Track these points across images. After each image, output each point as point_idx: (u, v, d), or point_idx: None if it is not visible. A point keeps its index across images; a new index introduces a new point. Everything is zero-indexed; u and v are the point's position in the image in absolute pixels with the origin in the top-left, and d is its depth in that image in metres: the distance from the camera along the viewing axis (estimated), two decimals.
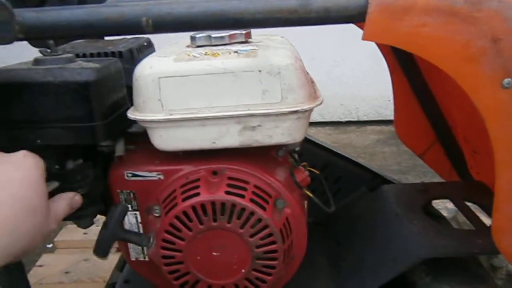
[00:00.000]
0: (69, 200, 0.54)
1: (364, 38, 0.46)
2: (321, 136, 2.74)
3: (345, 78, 2.91)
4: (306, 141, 0.96)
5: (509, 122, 0.48)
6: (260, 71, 0.57)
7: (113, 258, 1.14)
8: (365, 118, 2.93)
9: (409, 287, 0.76)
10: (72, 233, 1.40)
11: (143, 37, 0.85)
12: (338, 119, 2.94)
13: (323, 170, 0.97)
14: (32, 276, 1.24)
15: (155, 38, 0.88)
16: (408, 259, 0.70)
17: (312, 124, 2.95)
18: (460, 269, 0.73)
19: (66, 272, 1.23)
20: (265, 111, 0.58)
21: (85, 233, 1.34)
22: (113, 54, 0.76)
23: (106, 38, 0.91)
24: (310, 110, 0.59)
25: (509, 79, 0.46)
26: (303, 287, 0.80)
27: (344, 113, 2.94)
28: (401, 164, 2.25)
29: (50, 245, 1.50)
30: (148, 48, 0.84)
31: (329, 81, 2.90)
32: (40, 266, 1.27)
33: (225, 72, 0.57)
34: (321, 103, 0.61)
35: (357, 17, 0.45)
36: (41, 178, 0.47)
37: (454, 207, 0.86)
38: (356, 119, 2.94)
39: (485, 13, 0.44)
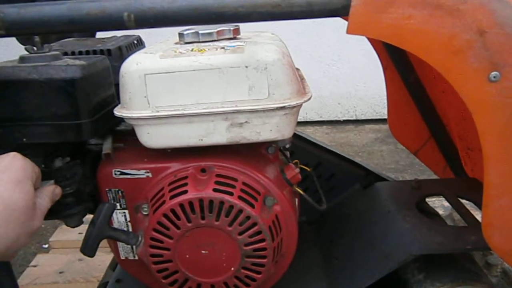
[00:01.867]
0: (50, 194, 0.55)
1: (348, 31, 0.45)
2: (319, 135, 2.74)
3: (342, 77, 2.91)
4: (299, 138, 0.96)
5: (497, 116, 0.47)
6: (246, 66, 0.56)
7: (107, 257, 1.14)
8: (363, 117, 2.92)
9: (402, 285, 0.76)
10: (66, 233, 1.40)
11: (133, 35, 0.84)
12: (336, 118, 2.93)
13: (316, 167, 0.96)
14: (26, 276, 1.24)
15: (147, 36, 0.88)
16: (400, 256, 0.70)
17: (310, 123, 2.95)
18: (453, 266, 0.73)
19: (60, 272, 1.22)
20: (252, 107, 0.57)
21: (79, 233, 1.34)
22: (101, 52, 0.75)
23: (97, 36, 0.91)
24: (298, 106, 0.59)
25: (496, 72, 0.46)
26: (295, 285, 0.79)
27: (342, 112, 2.94)
28: (399, 162, 2.24)
29: (46, 246, 1.50)
30: (138, 46, 0.83)
31: (326, 80, 2.89)
32: (34, 266, 1.27)
33: (212, 68, 0.57)
34: (309, 99, 0.60)
35: (341, 11, 0.44)
36: (28, 179, 0.49)
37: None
38: (354, 118, 2.94)
39: (470, 5, 0.43)
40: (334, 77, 2.91)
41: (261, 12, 0.44)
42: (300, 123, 2.97)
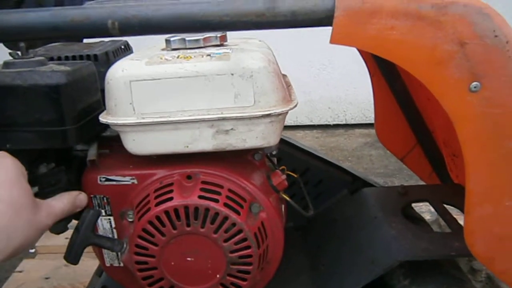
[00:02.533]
0: (71, 198, 0.56)
1: (332, 41, 0.46)
2: (309, 139, 2.75)
3: (333, 82, 2.93)
4: (287, 144, 0.96)
5: (477, 125, 0.48)
6: (232, 74, 0.57)
7: (94, 263, 1.13)
8: (352, 121, 2.94)
9: None
10: (53, 238, 1.38)
11: (121, 40, 0.84)
12: (326, 122, 2.95)
13: (304, 173, 0.97)
14: (12, 282, 1.22)
15: (136, 41, 0.87)
16: (386, 262, 0.70)
17: (300, 127, 2.96)
18: (437, 272, 0.73)
19: (46, 278, 1.21)
20: (237, 114, 0.57)
21: (66, 238, 1.32)
22: (88, 57, 0.75)
23: (85, 41, 0.91)
24: (284, 113, 0.59)
25: (476, 82, 0.46)
26: None
27: (332, 116, 2.95)
28: (388, 167, 2.26)
29: (33, 251, 1.48)
30: (126, 52, 0.83)
31: (317, 85, 2.91)
32: (20, 271, 1.25)
33: (197, 75, 0.57)
34: (295, 106, 0.60)
35: (324, 21, 0.45)
36: (22, 176, 0.49)
37: None
38: (344, 122, 2.96)
39: (451, 17, 0.44)
40: (325, 82, 2.93)
41: (245, 21, 0.44)
42: (290, 127, 2.98)
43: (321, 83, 2.91)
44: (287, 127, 3.04)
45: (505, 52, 0.45)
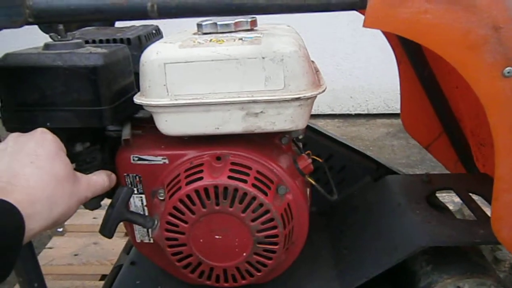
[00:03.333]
0: (108, 175, 0.59)
1: (365, 25, 0.46)
2: (330, 129, 2.74)
3: (355, 71, 2.90)
4: (312, 130, 0.97)
5: (509, 111, 0.48)
6: (263, 58, 0.58)
7: (121, 242, 1.17)
8: (374, 111, 2.91)
9: (410, 276, 0.77)
10: (81, 217, 1.43)
11: (152, 25, 0.86)
12: (348, 112, 2.93)
13: (328, 159, 0.97)
14: (42, 257, 1.28)
15: (165, 26, 0.89)
16: (408, 248, 0.71)
17: (322, 116, 2.95)
18: (461, 259, 0.74)
19: (75, 255, 1.26)
20: (268, 97, 0.59)
21: (94, 218, 1.38)
22: (121, 40, 0.77)
23: (116, 25, 0.93)
24: (313, 97, 0.60)
25: (510, 68, 0.46)
26: (305, 274, 0.81)
27: (354, 106, 2.93)
28: (410, 157, 2.24)
29: (61, 229, 1.54)
30: (157, 36, 0.85)
31: (339, 74, 2.88)
32: (50, 248, 1.31)
33: (229, 58, 0.58)
34: (323, 91, 0.61)
35: (358, 4, 0.45)
36: (62, 150, 0.52)
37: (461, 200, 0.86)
38: (365, 112, 2.93)
39: (486, 1, 0.44)
40: (347, 71, 2.90)
41: (280, 4, 0.45)
42: (311, 116, 2.95)
43: (343, 72, 2.88)
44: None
45: None
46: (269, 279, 0.72)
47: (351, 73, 2.90)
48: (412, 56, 0.90)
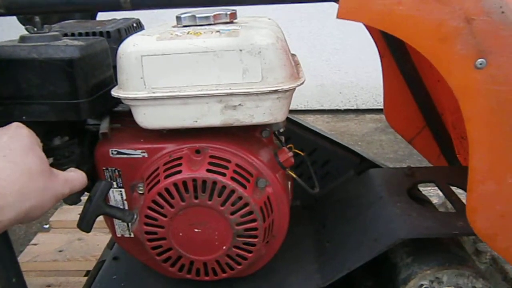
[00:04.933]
0: (83, 174, 0.55)
1: (338, 16, 0.46)
2: (319, 124, 2.74)
3: (344, 66, 2.90)
4: (296, 124, 0.97)
5: (482, 103, 0.48)
6: (241, 50, 0.58)
7: (106, 238, 1.17)
8: (363, 107, 2.92)
9: (391, 268, 0.78)
10: (66, 213, 1.42)
11: (133, 18, 0.85)
12: (337, 107, 2.94)
13: (311, 153, 0.98)
14: (27, 254, 1.26)
15: (146, 18, 0.88)
16: (388, 240, 0.71)
17: (311, 111, 2.95)
18: (440, 251, 0.74)
19: (60, 251, 1.25)
20: (245, 90, 0.58)
21: (79, 214, 1.36)
22: (101, 33, 0.76)
23: (98, 18, 0.92)
24: (291, 90, 0.60)
25: (482, 59, 0.47)
26: (287, 267, 0.81)
27: (343, 101, 2.94)
28: (397, 152, 2.25)
29: (47, 226, 1.53)
30: (137, 29, 0.84)
31: (328, 69, 2.89)
32: (35, 244, 1.30)
33: (206, 51, 0.58)
34: (302, 83, 0.61)
35: None
36: (37, 145, 0.50)
37: None
38: (355, 107, 2.94)
39: None
40: (336, 66, 2.90)
41: None
42: (301, 112, 2.97)
43: (332, 68, 2.89)
44: (297, 111, 3.04)
45: (511, 28, 0.45)
46: (250, 272, 0.72)
47: (340, 68, 2.91)
48: (395, 50, 0.91)
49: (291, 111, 0.65)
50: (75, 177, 0.54)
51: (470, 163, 0.53)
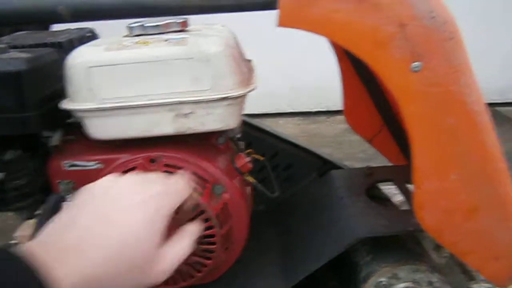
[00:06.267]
0: (192, 235, 0.45)
1: (279, 24, 0.47)
2: (291, 127, 2.77)
3: (315, 69, 2.93)
4: (257, 129, 0.98)
5: (420, 104, 0.50)
6: (189, 58, 0.58)
7: None
8: (334, 108, 2.96)
9: (353, 267, 0.79)
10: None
11: (86, 28, 0.84)
12: (308, 110, 2.97)
13: (273, 157, 0.99)
14: None
15: (105, 28, 0.88)
16: (346, 240, 0.73)
17: (282, 114, 2.97)
18: (398, 248, 0.77)
19: None
20: (195, 98, 0.59)
21: None
22: (52, 45, 0.75)
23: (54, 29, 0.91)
24: (241, 96, 0.61)
25: (417, 62, 0.48)
26: (251, 272, 0.82)
27: (314, 103, 2.97)
28: (366, 151, 2.29)
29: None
30: (91, 39, 0.83)
31: (298, 72, 2.92)
32: None
33: (155, 60, 0.58)
34: (252, 90, 0.62)
35: (269, 5, 0.46)
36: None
37: None
38: (326, 109, 2.98)
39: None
40: (306, 69, 2.94)
41: (192, 6, 0.45)
42: (272, 115, 2.99)
43: (303, 71, 2.92)
44: (268, 115, 3.06)
45: (442, 32, 0.47)
46: (212, 279, 0.73)
47: (310, 71, 2.94)
48: (350, 53, 0.93)
49: (262, 115, 0.66)
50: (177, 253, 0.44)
51: (414, 162, 0.55)
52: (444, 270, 0.95)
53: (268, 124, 1.03)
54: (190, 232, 0.46)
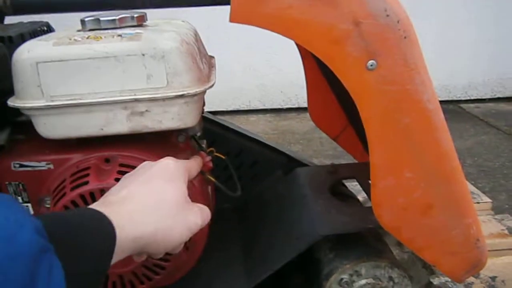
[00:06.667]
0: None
1: (231, 20, 0.46)
2: (262, 123, 2.77)
3: (285, 66, 2.94)
4: (221, 127, 0.97)
5: (376, 102, 0.50)
6: (143, 54, 0.56)
7: None
8: (304, 105, 2.97)
9: (316, 264, 0.79)
10: None
11: (41, 21, 0.80)
12: (279, 106, 2.98)
13: (238, 155, 0.98)
14: None
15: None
16: (308, 238, 0.73)
17: (253, 111, 2.97)
18: (360, 245, 0.77)
19: None
20: (150, 96, 0.57)
21: None
22: (2, 39, 0.71)
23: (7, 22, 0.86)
24: (199, 94, 0.59)
25: (372, 61, 0.48)
26: (214, 272, 0.81)
27: (285, 100, 2.98)
28: (336, 149, 2.32)
29: None
30: (45, 33, 0.79)
31: (269, 69, 2.92)
32: None
33: (107, 56, 0.56)
34: (211, 87, 0.61)
35: (220, 0, 0.45)
36: (179, 178, 0.52)
37: None
38: (296, 106, 2.99)
39: None
40: (276, 66, 2.94)
41: (141, 0, 0.43)
42: (243, 112, 2.98)
43: (272, 68, 2.92)
44: (240, 111, 3.05)
45: (396, 31, 0.47)
46: (173, 281, 0.71)
47: (281, 68, 2.95)
48: None
49: (234, 112, 0.64)
50: (207, 209, 0.54)
51: (371, 160, 0.55)
52: (405, 265, 0.97)
53: (236, 122, 1.02)
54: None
